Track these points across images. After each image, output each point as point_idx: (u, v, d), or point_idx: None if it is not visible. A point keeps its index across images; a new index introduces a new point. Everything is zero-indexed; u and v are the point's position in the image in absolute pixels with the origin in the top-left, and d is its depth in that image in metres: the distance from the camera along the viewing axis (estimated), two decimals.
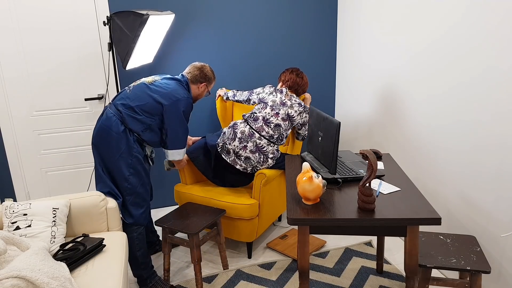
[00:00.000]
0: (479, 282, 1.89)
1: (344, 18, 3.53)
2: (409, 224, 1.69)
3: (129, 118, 2.34)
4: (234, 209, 2.65)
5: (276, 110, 2.74)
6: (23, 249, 1.81)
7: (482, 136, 2.17)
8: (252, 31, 3.47)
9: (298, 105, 2.78)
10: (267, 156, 2.71)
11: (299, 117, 2.78)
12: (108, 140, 2.32)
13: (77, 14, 3.07)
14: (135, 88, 2.41)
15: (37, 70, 3.09)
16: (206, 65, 2.63)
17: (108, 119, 2.35)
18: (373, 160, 1.68)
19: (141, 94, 2.38)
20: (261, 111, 2.76)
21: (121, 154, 2.32)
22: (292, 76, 2.87)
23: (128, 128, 2.34)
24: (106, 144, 2.32)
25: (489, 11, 2.05)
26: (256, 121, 2.73)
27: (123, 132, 2.32)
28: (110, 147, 2.32)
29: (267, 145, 2.71)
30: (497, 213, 2.13)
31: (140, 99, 2.36)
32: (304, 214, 1.74)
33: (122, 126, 2.33)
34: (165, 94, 2.38)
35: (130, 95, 2.39)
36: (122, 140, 2.32)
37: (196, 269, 2.43)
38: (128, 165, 2.34)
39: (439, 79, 2.46)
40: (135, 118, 2.34)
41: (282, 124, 2.73)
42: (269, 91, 2.86)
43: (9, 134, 3.15)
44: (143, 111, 2.34)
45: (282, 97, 2.78)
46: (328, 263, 2.71)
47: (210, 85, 2.67)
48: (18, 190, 3.27)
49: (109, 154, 2.33)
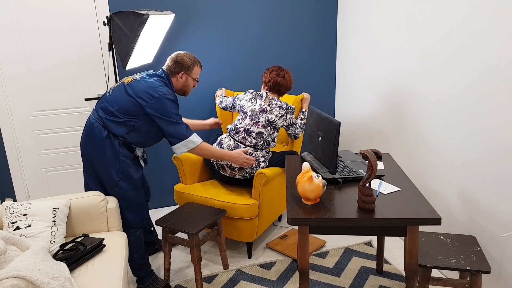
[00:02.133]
0: (479, 282, 1.89)
1: (344, 18, 3.53)
2: (409, 224, 1.69)
3: (110, 123, 2.26)
4: (234, 209, 2.65)
5: (256, 119, 2.72)
6: (23, 249, 1.81)
7: (482, 136, 2.17)
8: (252, 31, 3.47)
9: (279, 108, 2.73)
10: (258, 161, 2.74)
11: (281, 120, 2.74)
12: (94, 148, 2.28)
13: (77, 14, 3.07)
14: (114, 91, 2.33)
15: (37, 70, 3.09)
16: (182, 52, 2.44)
17: (90, 125, 2.30)
18: (373, 160, 1.67)
19: (119, 96, 2.29)
20: (241, 122, 2.77)
21: (107, 160, 2.27)
22: (272, 76, 2.81)
23: (111, 133, 2.27)
24: (93, 151, 2.29)
25: (489, 15, 2.05)
26: (238, 134, 2.76)
27: (107, 137, 2.26)
28: (96, 154, 2.28)
29: (255, 151, 2.73)
30: (497, 213, 2.13)
31: (118, 102, 2.27)
32: (304, 214, 1.74)
33: (105, 131, 2.27)
34: (143, 94, 2.26)
35: (109, 98, 2.31)
36: (107, 146, 2.26)
37: (196, 269, 2.43)
38: (117, 170, 2.29)
39: (439, 79, 2.46)
40: (116, 122, 2.26)
41: (263, 131, 2.72)
42: (249, 97, 2.83)
43: (9, 134, 3.15)
44: (122, 114, 2.26)
45: (262, 104, 2.75)
46: (328, 263, 2.71)
47: (191, 72, 2.44)
48: (18, 190, 3.27)
49: (97, 161, 2.29)
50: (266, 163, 2.77)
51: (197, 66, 2.47)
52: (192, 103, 3.48)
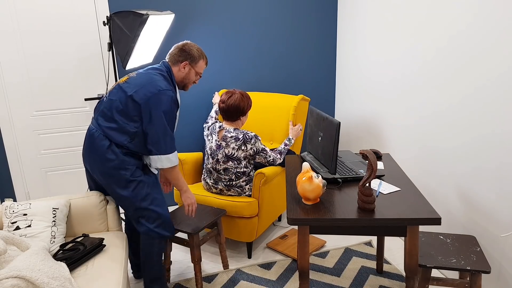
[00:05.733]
0: (479, 282, 1.89)
1: (344, 18, 3.53)
2: (409, 224, 1.69)
3: (111, 131, 2.06)
4: (233, 207, 2.65)
5: (215, 157, 2.66)
6: (23, 249, 1.81)
7: (482, 136, 2.17)
8: (252, 32, 3.47)
9: (235, 140, 2.58)
10: (241, 186, 2.71)
11: (240, 151, 2.60)
12: (98, 159, 2.08)
13: (77, 14, 3.07)
14: (111, 94, 2.13)
15: (37, 70, 3.09)
16: (190, 42, 2.25)
17: (90, 136, 2.11)
18: (373, 160, 1.67)
19: (116, 97, 2.08)
20: (207, 163, 2.75)
21: (114, 170, 2.07)
22: (220, 106, 2.64)
23: (113, 142, 2.07)
24: (97, 163, 2.09)
25: (494, 21, 2.05)
26: (211, 174, 2.75)
27: (109, 147, 2.06)
28: (101, 166, 2.08)
29: (234, 181, 2.70)
30: (497, 213, 2.13)
31: (115, 105, 2.06)
32: (304, 214, 1.74)
33: (107, 140, 2.07)
34: (138, 90, 2.04)
35: (106, 103, 2.11)
36: (111, 156, 2.06)
37: (196, 269, 2.43)
38: (126, 181, 2.09)
39: (439, 79, 2.46)
40: (117, 130, 2.06)
41: (228, 166, 2.65)
42: (206, 133, 2.76)
43: (9, 134, 3.15)
44: (121, 118, 2.05)
45: (216, 139, 2.64)
46: (328, 263, 2.71)
47: (196, 64, 2.23)
48: (18, 190, 3.27)
49: (103, 174, 2.09)
50: (248, 183, 2.71)
51: (203, 60, 2.26)
52: (190, 105, 3.48)
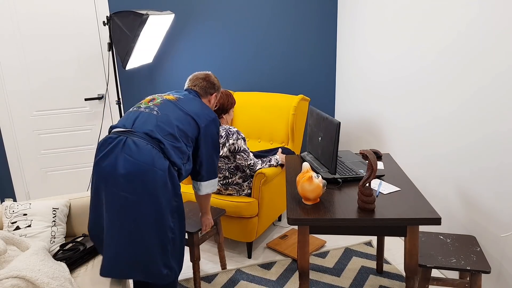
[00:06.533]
0: (479, 282, 1.89)
1: (344, 18, 3.54)
2: (409, 224, 1.69)
3: (172, 149, 1.80)
4: (233, 207, 2.64)
5: None
6: (23, 249, 1.81)
7: (482, 136, 2.17)
8: (252, 32, 3.47)
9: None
10: (238, 183, 2.71)
11: (225, 148, 2.61)
12: (150, 182, 1.71)
13: (77, 14, 3.07)
14: (163, 109, 1.89)
15: (37, 70, 3.09)
16: (209, 72, 2.19)
17: (142, 151, 1.72)
18: (373, 160, 1.67)
19: (175, 115, 1.88)
20: None
21: (166, 197, 1.77)
22: None
23: (171, 161, 1.81)
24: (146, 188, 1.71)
25: (495, 20, 2.05)
26: None
27: (168, 168, 1.78)
28: (151, 191, 1.72)
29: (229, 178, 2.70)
30: (497, 213, 2.13)
31: (174, 122, 1.85)
32: (304, 214, 1.74)
33: (166, 160, 1.77)
34: (199, 113, 1.93)
35: (161, 117, 1.85)
36: (167, 179, 1.76)
37: (194, 268, 2.43)
38: (172, 211, 1.80)
39: (439, 79, 2.46)
40: (177, 148, 1.82)
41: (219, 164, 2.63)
42: None
43: (9, 134, 3.15)
44: (182, 136, 1.85)
45: None
46: (328, 263, 2.71)
47: (219, 94, 2.23)
48: (18, 190, 3.27)
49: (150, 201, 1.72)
50: (245, 180, 2.72)
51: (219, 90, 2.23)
52: None
